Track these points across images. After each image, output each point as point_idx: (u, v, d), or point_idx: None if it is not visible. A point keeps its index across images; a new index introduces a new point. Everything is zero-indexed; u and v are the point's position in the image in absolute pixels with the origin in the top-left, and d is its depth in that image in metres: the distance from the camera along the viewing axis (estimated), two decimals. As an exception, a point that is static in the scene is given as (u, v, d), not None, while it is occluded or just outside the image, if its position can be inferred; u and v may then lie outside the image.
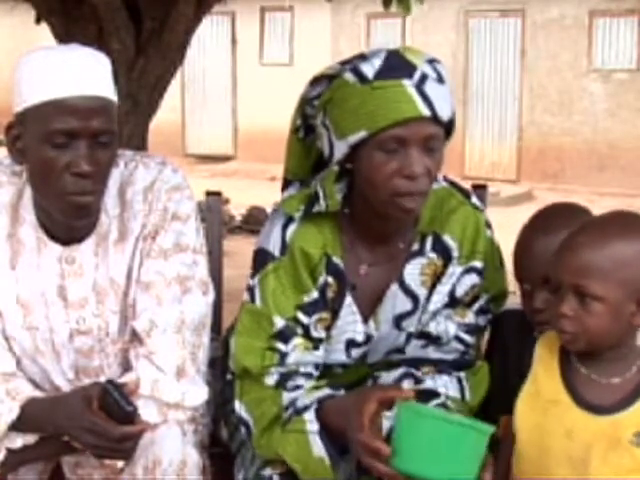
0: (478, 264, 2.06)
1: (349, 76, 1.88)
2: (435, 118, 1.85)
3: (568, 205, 2.20)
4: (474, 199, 2.10)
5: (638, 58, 13.34)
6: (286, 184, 2.14)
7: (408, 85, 1.84)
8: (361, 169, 1.91)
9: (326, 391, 1.96)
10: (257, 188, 12.73)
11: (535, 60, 14.04)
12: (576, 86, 13.79)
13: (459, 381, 2.05)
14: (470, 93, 14.61)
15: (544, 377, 1.86)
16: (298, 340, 1.99)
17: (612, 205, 12.42)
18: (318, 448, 1.90)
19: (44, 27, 5.19)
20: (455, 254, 2.04)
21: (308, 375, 2.01)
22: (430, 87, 1.85)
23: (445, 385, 2.04)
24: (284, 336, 1.98)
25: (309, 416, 1.91)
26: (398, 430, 1.69)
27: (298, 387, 1.98)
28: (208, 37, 16.02)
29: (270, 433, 1.97)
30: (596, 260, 1.75)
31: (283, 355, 1.98)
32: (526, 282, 2.05)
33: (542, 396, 1.84)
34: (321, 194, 1.98)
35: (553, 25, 13.83)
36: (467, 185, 2.31)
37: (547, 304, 1.97)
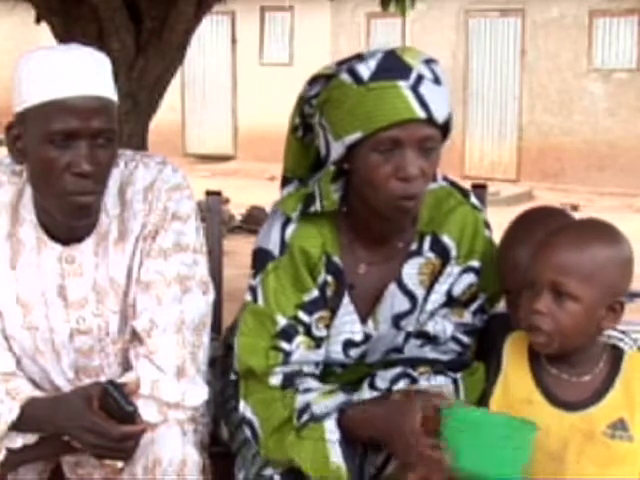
0: (476, 264, 2.06)
1: (345, 77, 1.88)
2: (430, 120, 1.85)
3: (546, 209, 2.19)
4: (473, 199, 2.10)
5: (638, 58, 13.34)
6: (285, 182, 2.15)
7: (404, 86, 1.84)
8: (357, 170, 1.91)
9: (342, 397, 1.97)
10: (257, 188, 12.73)
11: (535, 60, 14.04)
12: (576, 86, 13.80)
13: (454, 382, 2.05)
14: (470, 93, 14.60)
15: (514, 378, 1.89)
16: (301, 338, 1.99)
17: (612, 205, 12.43)
18: (337, 457, 1.92)
19: (44, 27, 5.19)
20: (453, 254, 2.04)
21: (312, 375, 2.01)
22: (426, 88, 1.85)
23: (440, 386, 2.03)
24: (287, 335, 1.98)
25: (330, 425, 1.92)
26: (451, 437, 1.75)
27: (309, 390, 1.98)
28: (208, 37, 16.01)
29: (280, 436, 1.97)
30: (577, 260, 1.78)
31: (287, 354, 1.98)
32: (513, 292, 2.04)
33: (514, 396, 1.87)
34: (317, 194, 1.98)
35: (553, 25, 13.83)
36: (467, 185, 2.31)
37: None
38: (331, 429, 1.92)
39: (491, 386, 1.92)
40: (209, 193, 2.63)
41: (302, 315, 2.00)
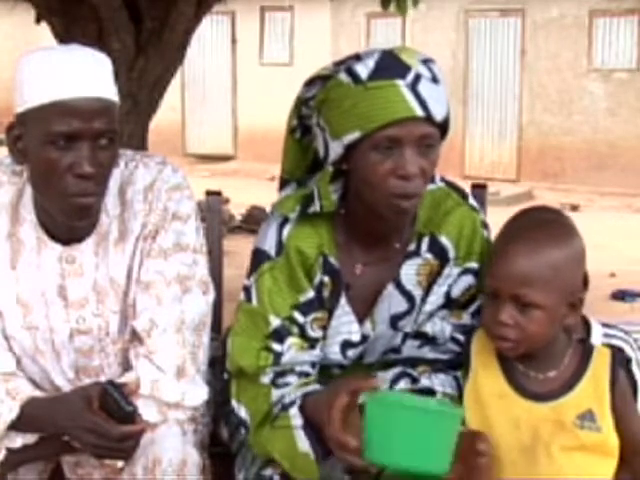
0: (474, 265, 2.05)
1: (343, 77, 1.89)
2: (429, 118, 1.85)
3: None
4: (471, 200, 2.10)
5: (638, 58, 13.34)
6: (283, 184, 2.15)
7: (401, 85, 1.84)
8: (356, 169, 1.91)
9: (313, 387, 1.97)
10: (257, 188, 12.73)
11: (535, 60, 14.05)
12: (576, 86, 13.80)
13: (456, 379, 2.05)
14: (470, 93, 14.60)
15: (484, 374, 1.92)
16: (293, 340, 1.99)
17: (612, 205, 12.43)
18: (303, 443, 1.91)
19: (44, 27, 5.19)
20: (451, 255, 2.04)
21: (304, 374, 2.01)
22: (424, 87, 1.85)
23: (442, 383, 2.03)
24: (280, 336, 1.98)
25: (293, 411, 1.92)
26: (366, 422, 1.70)
27: (288, 384, 1.98)
28: (208, 37, 16.02)
29: (262, 431, 1.97)
30: (534, 269, 1.81)
31: (278, 355, 1.98)
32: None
33: (484, 392, 1.91)
34: (316, 195, 1.98)
35: (553, 25, 13.84)
36: (467, 185, 2.31)
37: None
38: (294, 415, 1.92)
39: (462, 380, 1.96)
40: (209, 193, 2.63)
41: (297, 316, 2.00)
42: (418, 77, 1.85)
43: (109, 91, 1.88)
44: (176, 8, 4.67)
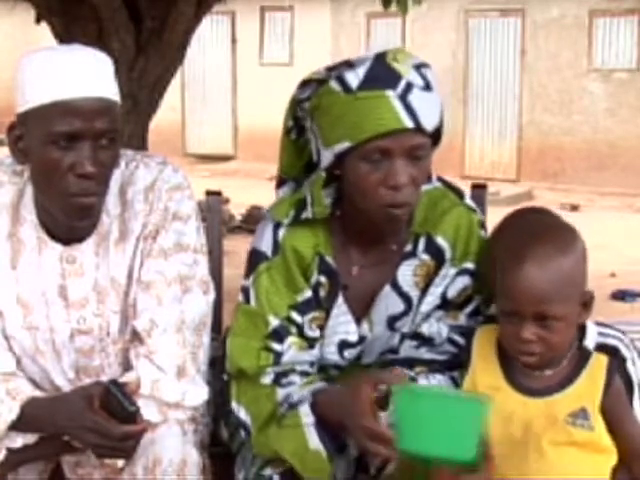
0: (471, 266, 2.05)
1: (334, 84, 1.88)
2: (419, 129, 1.85)
3: (533, 210, 2.17)
4: (468, 200, 2.09)
5: (638, 58, 13.34)
6: (280, 182, 2.15)
7: (391, 96, 1.83)
8: (347, 178, 1.92)
9: (320, 385, 1.97)
10: (257, 188, 12.72)
11: (535, 60, 14.04)
12: (576, 86, 13.80)
13: (453, 380, 2.06)
14: (470, 93, 14.60)
15: (483, 367, 1.96)
16: (293, 339, 2.00)
17: (612, 205, 12.43)
18: (314, 441, 1.91)
19: (44, 27, 5.20)
20: (448, 255, 2.04)
21: (304, 373, 2.01)
22: (415, 97, 1.84)
23: (439, 384, 2.04)
24: (279, 335, 1.99)
25: (304, 409, 1.92)
26: (398, 413, 1.74)
27: (292, 383, 1.98)
28: (208, 37, 16.01)
29: (267, 430, 1.97)
30: (552, 285, 1.84)
31: (278, 355, 1.98)
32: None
33: (480, 385, 1.94)
34: (309, 201, 1.98)
35: (553, 25, 13.83)
36: (467, 185, 2.31)
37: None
38: (305, 413, 1.92)
39: (462, 379, 1.99)
40: (209, 193, 2.63)
41: (295, 316, 2.00)
42: (409, 86, 1.84)
43: (110, 91, 1.89)
44: (176, 8, 4.68)
